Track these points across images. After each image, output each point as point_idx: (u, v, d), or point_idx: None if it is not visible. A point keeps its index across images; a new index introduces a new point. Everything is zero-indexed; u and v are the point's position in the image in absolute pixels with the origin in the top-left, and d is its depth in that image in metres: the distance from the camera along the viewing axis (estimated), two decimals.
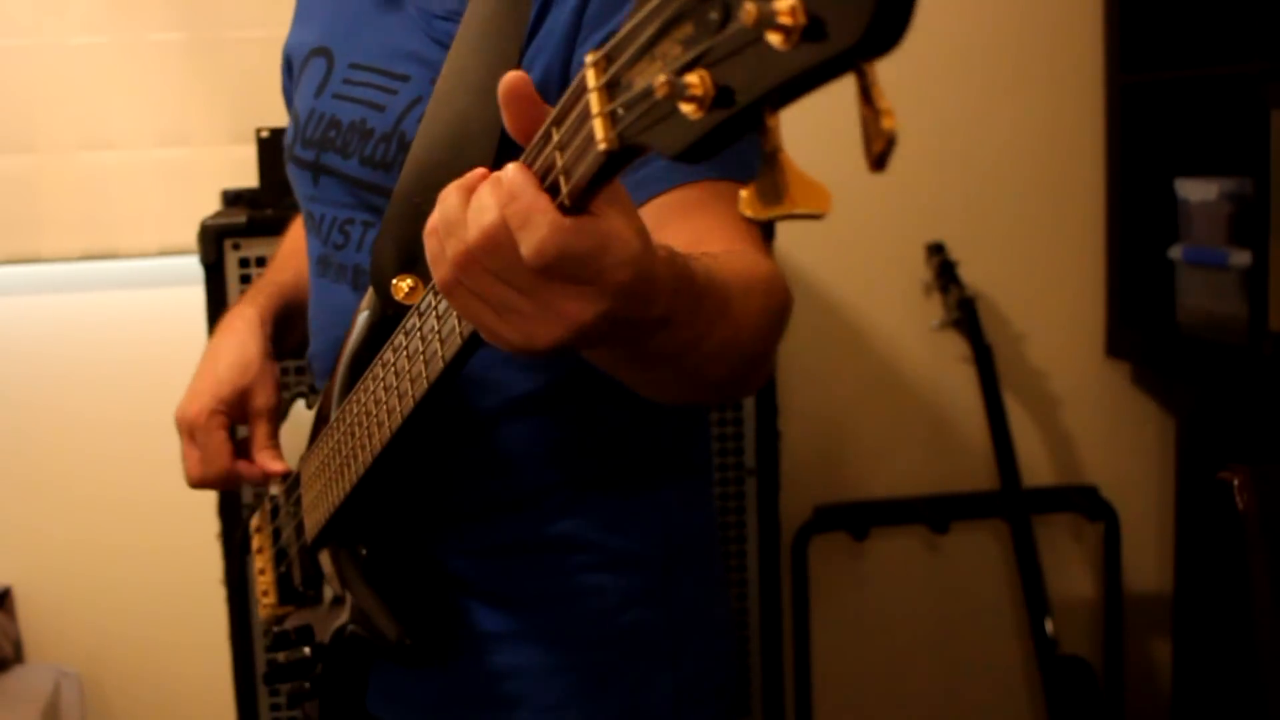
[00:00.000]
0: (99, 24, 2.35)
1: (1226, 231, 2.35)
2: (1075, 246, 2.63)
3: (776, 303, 0.90)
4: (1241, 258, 2.27)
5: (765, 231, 1.03)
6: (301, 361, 1.29)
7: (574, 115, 0.62)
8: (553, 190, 0.64)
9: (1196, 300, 2.44)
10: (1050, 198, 2.62)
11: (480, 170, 0.70)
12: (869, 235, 2.56)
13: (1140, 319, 2.57)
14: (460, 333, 0.80)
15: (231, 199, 2.15)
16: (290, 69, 1.28)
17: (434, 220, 0.71)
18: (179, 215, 2.32)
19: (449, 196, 0.70)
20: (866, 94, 0.49)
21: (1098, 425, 2.67)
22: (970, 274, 2.52)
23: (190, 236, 2.00)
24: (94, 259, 2.40)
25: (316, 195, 1.16)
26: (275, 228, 1.94)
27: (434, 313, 0.84)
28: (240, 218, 1.98)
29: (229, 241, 1.96)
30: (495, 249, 0.67)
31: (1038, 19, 2.58)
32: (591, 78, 0.59)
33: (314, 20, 1.23)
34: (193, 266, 2.00)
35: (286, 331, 1.29)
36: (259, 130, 2.10)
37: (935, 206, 2.57)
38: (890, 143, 0.49)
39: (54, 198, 2.37)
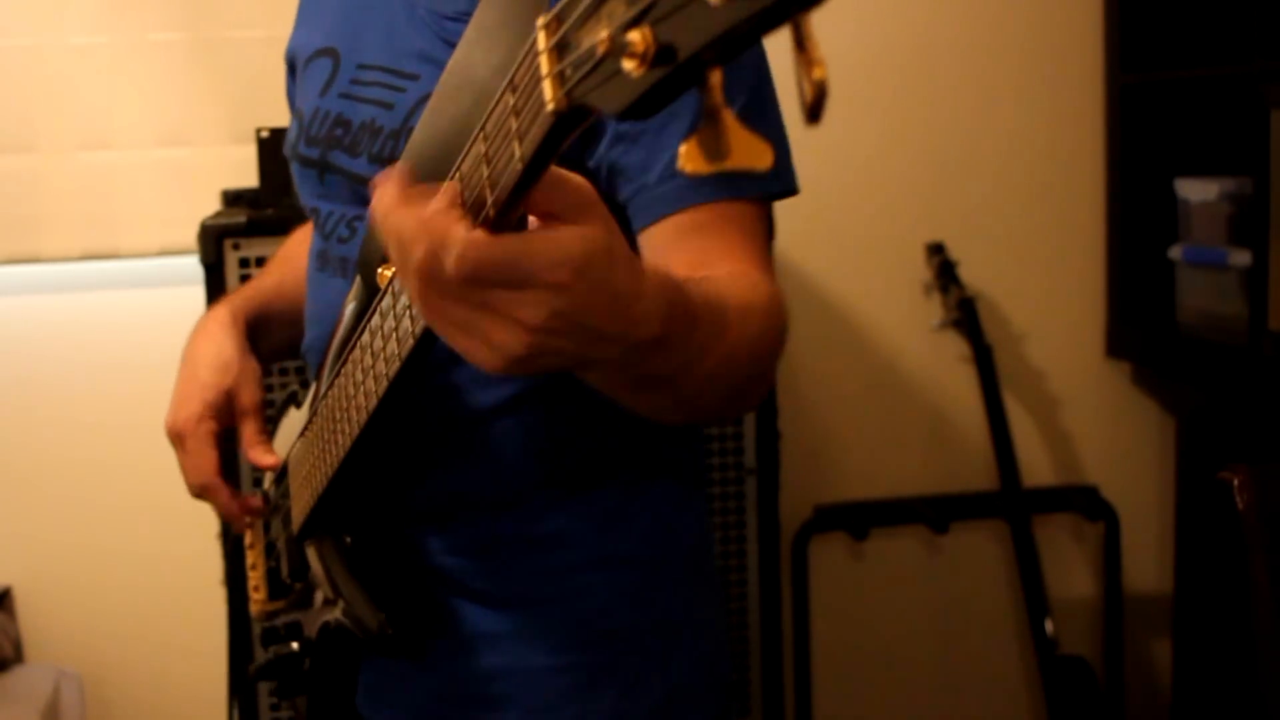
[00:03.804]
0: (99, 24, 2.35)
1: (1226, 231, 2.35)
2: (1075, 246, 2.63)
3: (775, 326, 0.91)
4: (1241, 258, 2.27)
5: (766, 229, 1.03)
6: (295, 361, 1.29)
7: (527, 79, 0.62)
8: (507, 159, 0.65)
9: (1196, 300, 2.44)
10: (1050, 197, 2.62)
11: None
12: (869, 235, 2.56)
13: (1140, 319, 2.57)
14: None
15: (231, 199, 2.15)
16: (294, 70, 1.28)
17: (390, 254, 0.72)
18: (179, 215, 2.32)
19: (387, 233, 0.72)
20: (800, 45, 0.50)
21: (1098, 425, 2.67)
22: (970, 274, 2.52)
23: (190, 236, 2.00)
24: (94, 259, 2.39)
25: (323, 193, 1.17)
26: (275, 228, 1.95)
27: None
28: (240, 218, 1.98)
29: (229, 241, 1.96)
30: (435, 276, 0.68)
31: (1038, 19, 2.58)
32: (542, 39, 0.59)
33: (318, 22, 1.23)
34: (193, 266, 2.00)
35: (261, 334, 1.29)
36: (259, 130, 2.10)
37: (935, 206, 2.57)
38: (821, 93, 0.50)
39: (54, 198, 2.37)
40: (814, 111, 0.50)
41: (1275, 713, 1.34)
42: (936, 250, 2.53)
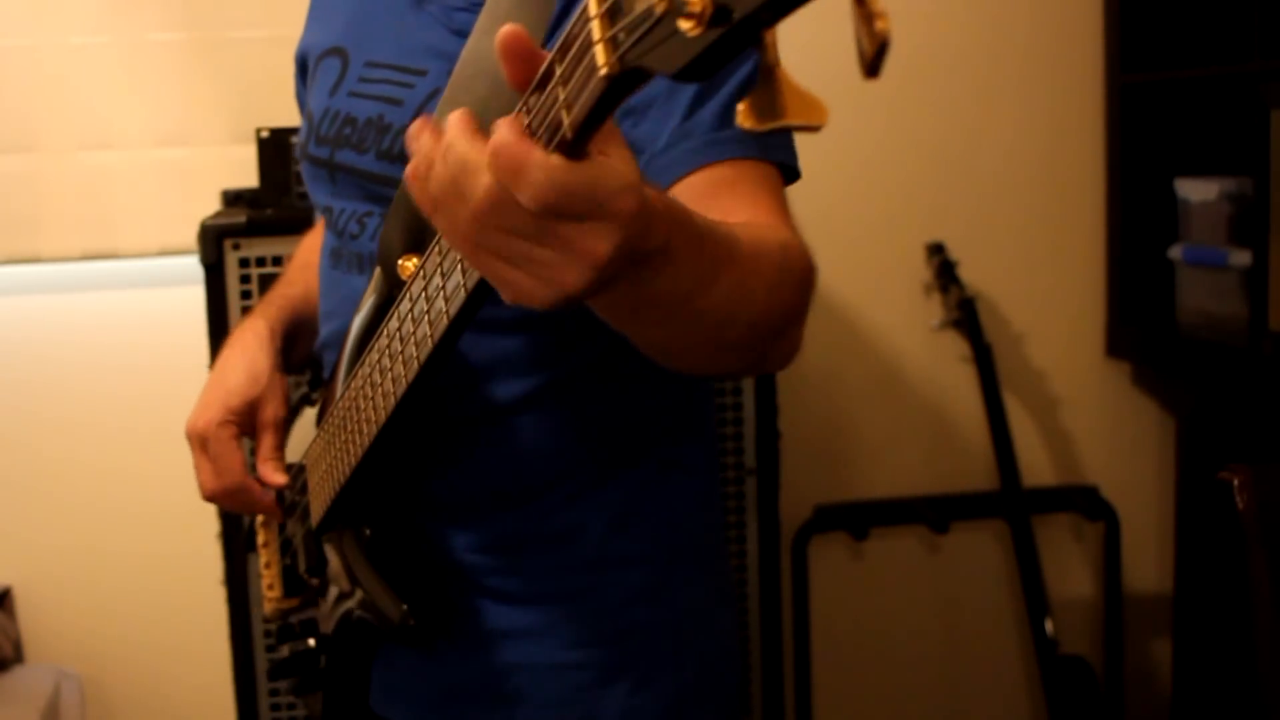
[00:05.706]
0: (99, 24, 2.35)
1: (1226, 231, 2.35)
2: (1075, 246, 2.63)
3: (796, 267, 0.90)
4: (1241, 258, 2.27)
5: (782, 191, 1.03)
6: (306, 377, 1.29)
7: (576, 46, 0.62)
8: (554, 127, 0.64)
9: (1196, 300, 2.44)
10: (1050, 198, 2.62)
11: (456, 116, 0.70)
12: (869, 235, 2.56)
13: (1140, 319, 2.57)
14: (465, 286, 0.80)
15: (231, 199, 2.15)
16: (304, 71, 1.28)
17: (435, 192, 0.71)
18: (179, 215, 2.32)
19: (445, 167, 0.70)
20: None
21: (1098, 425, 2.67)
22: (970, 274, 2.52)
23: (190, 236, 2.01)
24: (94, 259, 2.39)
25: (334, 191, 1.17)
26: (275, 228, 1.96)
27: (439, 271, 0.84)
28: (240, 218, 1.98)
29: (229, 241, 1.96)
30: (499, 207, 0.67)
31: (1038, 19, 2.58)
32: (593, 6, 0.59)
33: (329, 22, 1.23)
34: (193, 266, 2.00)
35: (295, 344, 1.30)
36: (259, 130, 2.10)
37: (935, 206, 2.57)
38: (883, 46, 0.50)
39: (54, 198, 2.37)
40: (874, 67, 0.50)
41: (1275, 713, 1.34)
42: (936, 250, 2.53)
